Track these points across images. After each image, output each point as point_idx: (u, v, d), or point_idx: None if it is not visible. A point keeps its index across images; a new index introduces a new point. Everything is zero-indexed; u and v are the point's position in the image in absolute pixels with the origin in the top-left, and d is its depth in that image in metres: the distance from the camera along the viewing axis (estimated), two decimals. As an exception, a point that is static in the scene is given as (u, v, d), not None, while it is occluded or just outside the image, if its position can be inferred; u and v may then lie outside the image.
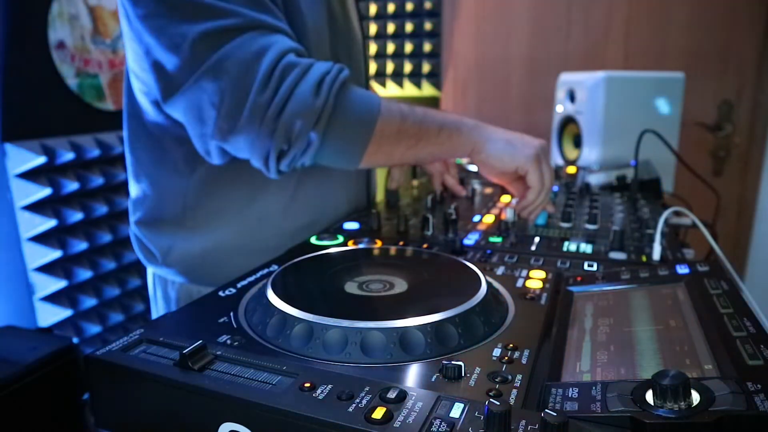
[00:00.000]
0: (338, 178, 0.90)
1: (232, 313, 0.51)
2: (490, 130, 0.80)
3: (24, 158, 1.45)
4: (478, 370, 0.41)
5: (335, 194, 0.91)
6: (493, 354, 0.44)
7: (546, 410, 0.32)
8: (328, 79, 0.68)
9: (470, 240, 0.78)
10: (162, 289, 0.92)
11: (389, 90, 2.47)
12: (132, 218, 0.90)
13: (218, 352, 0.42)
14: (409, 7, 2.31)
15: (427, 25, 2.30)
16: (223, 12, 0.66)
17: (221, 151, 0.73)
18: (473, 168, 1.24)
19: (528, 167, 0.79)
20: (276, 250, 0.82)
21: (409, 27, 2.33)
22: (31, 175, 1.47)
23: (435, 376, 0.40)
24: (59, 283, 1.55)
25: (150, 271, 0.94)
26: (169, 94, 0.70)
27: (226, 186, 0.82)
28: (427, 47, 2.31)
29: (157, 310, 0.95)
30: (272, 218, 0.86)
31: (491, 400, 0.35)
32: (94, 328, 1.68)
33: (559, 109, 1.63)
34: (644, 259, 0.69)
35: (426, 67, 2.33)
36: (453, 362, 0.40)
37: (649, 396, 0.33)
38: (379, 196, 1.10)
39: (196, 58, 0.66)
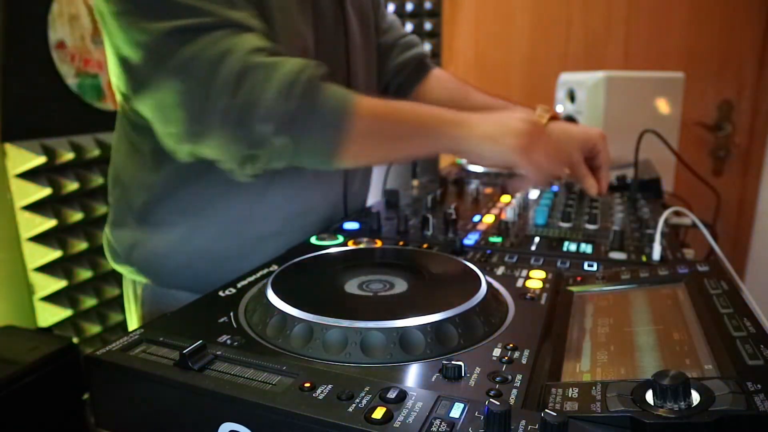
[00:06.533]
0: (311, 185, 0.86)
1: (232, 313, 0.51)
2: (471, 123, 0.70)
3: (24, 158, 1.45)
4: (478, 370, 0.41)
5: (305, 201, 0.87)
6: (493, 354, 0.44)
7: (546, 410, 0.32)
8: (297, 80, 0.64)
9: (470, 240, 0.78)
10: (132, 288, 0.91)
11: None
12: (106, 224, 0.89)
13: (218, 352, 0.42)
14: (409, 7, 2.31)
15: (427, 25, 2.30)
16: (192, 10, 0.63)
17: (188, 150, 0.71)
18: (474, 168, 1.24)
19: (515, 162, 0.69)
20: (239, 258, 0.81)
21: (409, 27, 2.33)
22: (31, 175, 1.47)
23: (435, 376, 0.40)
24: (59, 283, 1.55)
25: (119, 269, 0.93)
26: (135, 90, 0.68)
27: (191, 185, 0.78)
28: (427, 47, 2.31)
29: (129, 309, 0.94)
30: (235, 223, 0.83)
31: (491, 400, 0.35)
32: (94, 328, 1.68)
33: (559, 109, 1.63)
34: (644, 259, 0.69)
35: (426, 67, 2.33)
36: (453, 362, 0.40)
37: (649, 396, 0.33)
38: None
39: (162, 56, 0.63)
